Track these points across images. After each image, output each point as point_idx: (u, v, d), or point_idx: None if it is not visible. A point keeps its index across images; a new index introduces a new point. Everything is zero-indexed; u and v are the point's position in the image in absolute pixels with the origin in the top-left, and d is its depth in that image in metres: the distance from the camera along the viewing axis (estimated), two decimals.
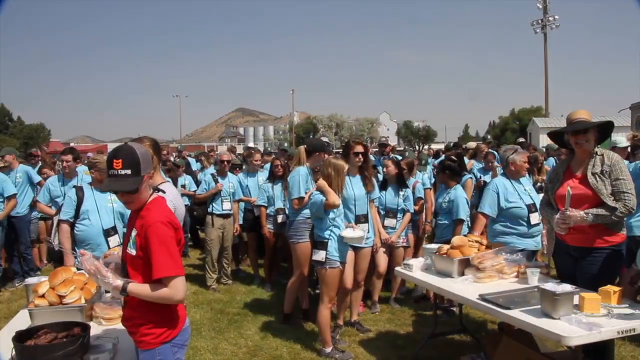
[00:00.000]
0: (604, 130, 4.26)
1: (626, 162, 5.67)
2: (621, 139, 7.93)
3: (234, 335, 5.83)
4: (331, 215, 5.04)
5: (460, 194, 6.28)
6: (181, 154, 16.56)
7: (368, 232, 5.67)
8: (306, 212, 5.56)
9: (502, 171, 5.59)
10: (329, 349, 5.10)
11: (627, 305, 3.56)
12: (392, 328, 5.99)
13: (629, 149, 7.66)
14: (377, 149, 10.35)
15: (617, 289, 3.63)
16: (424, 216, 7.29)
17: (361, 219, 5.69)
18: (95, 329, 3.32)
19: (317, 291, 6.04)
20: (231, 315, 6.51)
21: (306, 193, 5.57)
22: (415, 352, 5.09)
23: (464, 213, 6.17)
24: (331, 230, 5.03)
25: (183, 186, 9.43)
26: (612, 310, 3.48)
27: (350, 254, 5.40)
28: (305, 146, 5.99)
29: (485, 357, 4.60)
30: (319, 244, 5.06)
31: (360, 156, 5.73)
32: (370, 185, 5.85)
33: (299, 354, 5.28)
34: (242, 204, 8.22)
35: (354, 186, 5.72)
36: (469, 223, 6.29)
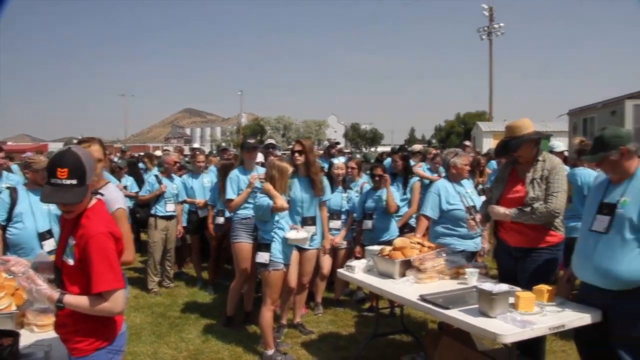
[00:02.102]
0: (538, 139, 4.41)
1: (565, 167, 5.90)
2: (558, 143, 8.23)
3: (174, 339, 5.73)
4: (276, 217, 5.02)
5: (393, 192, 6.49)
6: (125, 155, 16.22)
7: (315, 234, 5.68)
8: (243, 212, 5.56)
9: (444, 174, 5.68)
10: (271, 351, 5.07)
11: (559, 303, 3.71)
12: (334, 329, 6.01)
13: (565, 153, 7.92)
14: (322, 151, 10.37)
15: (549, 287, 3.78)
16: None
17: (308, 221, 5.67)
18: (26, 337, 3.17)
19: (259, 294, 6.01)
20: (172, 319, 6.40)
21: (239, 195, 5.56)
22: (357, 352, 5.12)
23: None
24: (275, 232, 5.01)
25: (125, 187, 9.24)
26: (545, 308, 3.61)
27: (295, 255, 5.40)
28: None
29: (425, 357, 4.67)
30: (262, 246, 5.03)
31: (297, 154, 5.69)
32: (318, 187, 5.76)
33: (240, 356, 5.24)
34: (185, 206, 8.11)
35: (302, 188, 5.69)
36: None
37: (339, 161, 6.81)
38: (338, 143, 11.25)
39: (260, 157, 6.93)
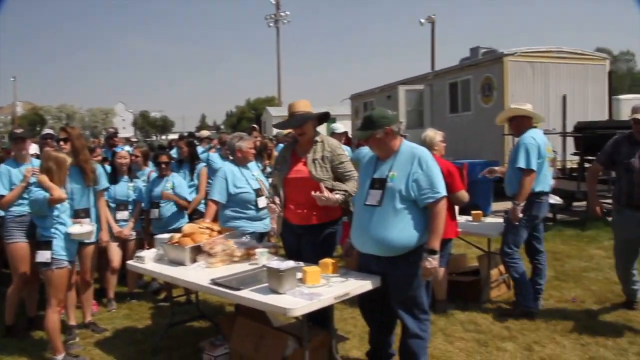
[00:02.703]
0: (322, 118, 4.69)
1: (346, 147, 6.29)
2: (339, 125, 8.75)
3: None
4: (55, 212, 4.71)
5: (181, 180, 6.55)
6: None
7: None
8: (17, 209, 5.14)
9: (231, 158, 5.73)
10: (60, 357, 4.73)
11: (342, 274, 3.97)
12: (130, 324, 5.82)
13: (348, 134, 8.45)
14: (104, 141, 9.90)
15: (333, 260, 4.04)
16: None
17: (80, 213, 5.30)
18: None
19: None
20: None
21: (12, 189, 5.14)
22: (153, 344, 5.04)
23: (188, 196, 6.53)
24: (56, 228, 4.69)
25: None
26: (330, 279, 3.84)
27: None
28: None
29: (223, 339, 4.71)
30: (42, 244, 4.67)
31: (62, 142, 5.36)
32: (89, 177, 5.44)
33: None
34: None
35: (71, 179, 5.27)
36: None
37: (122, 150, 6.58)
38: (117, 132, 10.77)
39: (35, 149, 6.43)
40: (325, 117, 4.74)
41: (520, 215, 5.30)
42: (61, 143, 5.35)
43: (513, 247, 5.48)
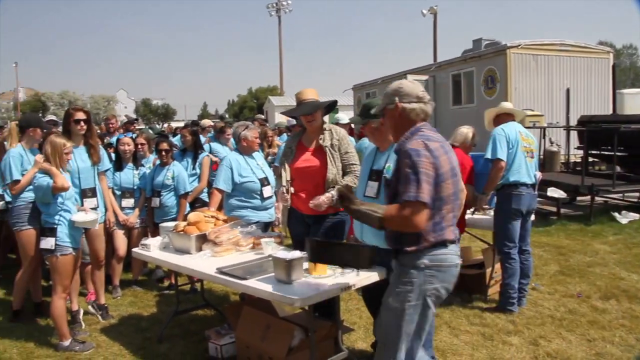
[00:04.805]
0: (329, 107, 4.69)
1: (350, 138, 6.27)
2: (343, 116, 8.70)
3: None
4: (60, 199, 4.69)
5: (181, 170, 6.50)
6: None
7: (97, 207, 5.40)
8: (28, 195, 5.11)
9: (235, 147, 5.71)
10: (67, 342, 4.76)
11: None
12: (135, 311, 5.82)
13: (351, 125, 8.43)
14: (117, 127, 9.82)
15: None
16: None
17: (88, 193, 5.35)
18: None
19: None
20: None
21: (23, 175, 5.12)
22: (159, 331, 5.04)
23: (187, 187, 6.46)
24: (61, 215, 4.68)
25: None
26: (337, 270, 3.81)
27: None
28: (17, 122, 5.46)
29: (229, 328, 4.71)
30: (47, 230, 4.68)
31: (82, 123, 5.35)
32: (97, 155, 5.49)
33: (32, 352, 4.81)
34: None
35: (78, 158, 5.31)
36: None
37: (125, 136, 6.57)
38: (137, 119, 10.78)
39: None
40: (332, 106, 4.74)
41: (485, 206, 5.30)
42: (81, 124, 5.33)
43: (508, 243, 5.41)
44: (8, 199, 5.88)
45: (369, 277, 3.75)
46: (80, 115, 5.36)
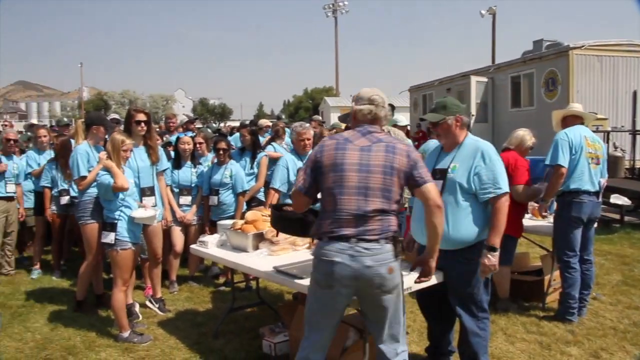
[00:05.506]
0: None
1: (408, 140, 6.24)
2: (402, 117, 8.65)
3: (18, 330, 5.31)
4: (120, 196, 4.84)
5: (239, 169, 6.55)
6: None
7: (155, 205, 5.52)
8: (93, 191, 5.28)
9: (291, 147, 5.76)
10: (126, 334, 4.91)
11: (404, 267, 3.86)
12: (191, 306, 5.93)
13: (408, 127, 8.38)
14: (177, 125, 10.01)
15: None
16: None
17: (146, 191, 5.48)
18: None
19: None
20: (15, 309, 5.93)
21: (89, 171, 5.28)
22: (215, 327, 5.11)
23: (245, 185, 6.51)
24: (121, 211, 4.83)
25: None
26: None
27: None
28: (83, 120, 5.64)
29: (283, 327, 4.75)
30: (107, 225, 4.84)
31: (143, 124, 5.50)
32: (155, 156, 5.63)
33: (94, 341, 4.97)
34: (28, 186, 7.58)
35: (137, 158, 5.46)
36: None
37: (185, 135, 6.70)
38: (197, 118, 10.98)
39: None
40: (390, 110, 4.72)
41: (545, 213, 5.14)
42: (142, 125, 5.48)
43: (568, 252, 5.23)
44: (73, 193, 6.18)
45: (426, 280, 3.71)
46: (142, 117, 5.50)
